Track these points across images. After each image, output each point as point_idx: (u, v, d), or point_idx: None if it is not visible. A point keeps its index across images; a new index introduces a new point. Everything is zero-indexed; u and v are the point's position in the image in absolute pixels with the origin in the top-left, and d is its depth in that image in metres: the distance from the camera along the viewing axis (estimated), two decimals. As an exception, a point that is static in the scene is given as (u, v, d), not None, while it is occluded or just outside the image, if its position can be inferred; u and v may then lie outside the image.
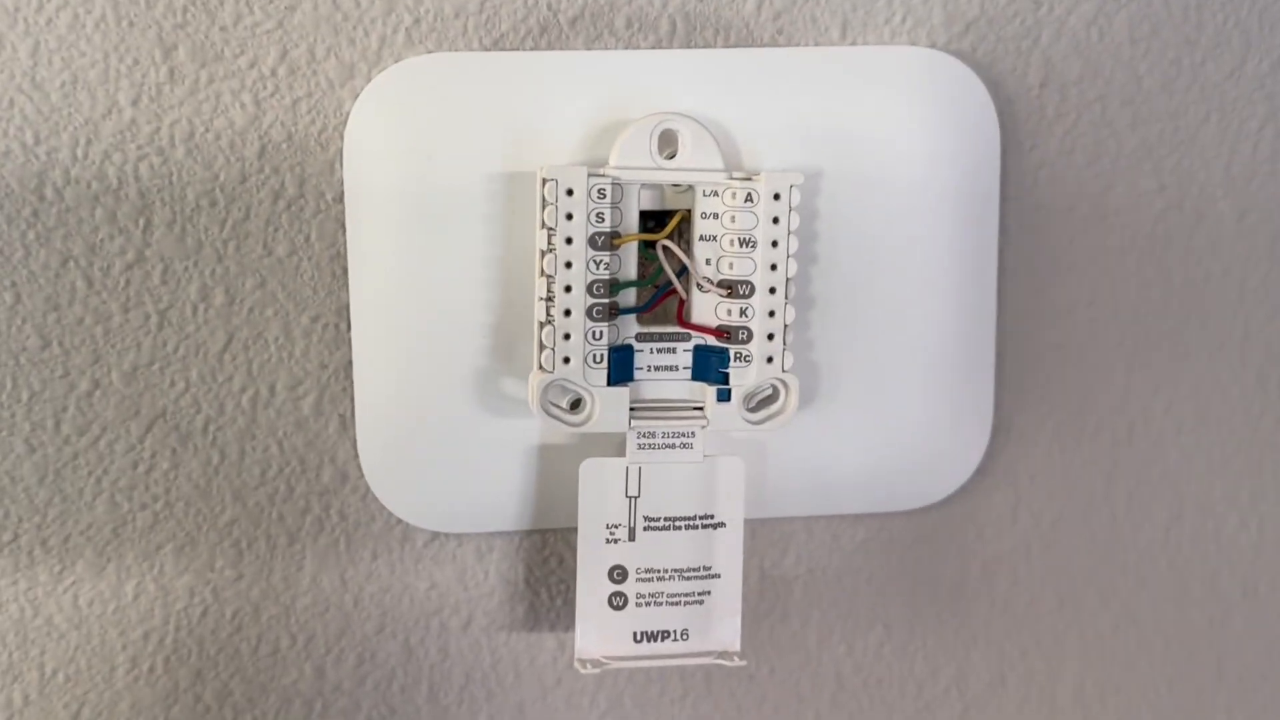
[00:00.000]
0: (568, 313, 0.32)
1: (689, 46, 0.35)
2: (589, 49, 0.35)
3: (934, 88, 0.36)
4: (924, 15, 0.36)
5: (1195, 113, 0.38)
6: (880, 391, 0.37)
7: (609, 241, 0.33)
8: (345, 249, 0.35)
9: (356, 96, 0.34)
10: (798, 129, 0.35)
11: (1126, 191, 0.38)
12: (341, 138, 0.34)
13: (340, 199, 0.34)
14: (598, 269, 0.33)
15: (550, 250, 0.32)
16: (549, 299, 0.33)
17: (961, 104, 0.36)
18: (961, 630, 0.40)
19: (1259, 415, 0.40)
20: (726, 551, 0.35)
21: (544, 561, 0.38)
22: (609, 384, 0.33)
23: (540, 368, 0.33)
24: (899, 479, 0.38)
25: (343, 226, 0.35)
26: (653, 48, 0.35)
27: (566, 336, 0.33)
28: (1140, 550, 0.40)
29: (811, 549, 0.39)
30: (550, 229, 0.32)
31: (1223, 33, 0.37)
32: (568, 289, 0.32)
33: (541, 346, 0.33)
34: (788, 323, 0.34)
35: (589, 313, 0.33)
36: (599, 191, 0.32)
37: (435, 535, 0.37)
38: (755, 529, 0.38)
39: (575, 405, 0.34)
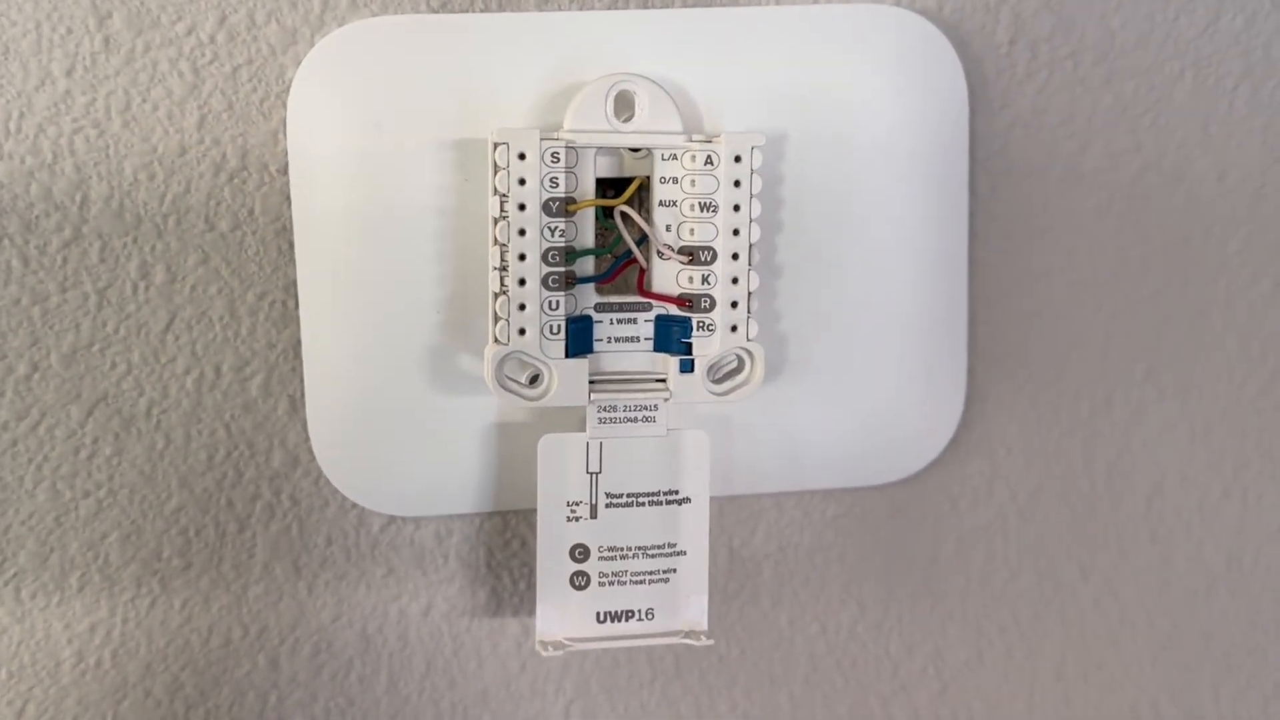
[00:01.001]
0: (522, 282, 0.31)
1: (645, 7, 0.34)
2: (541, 10, 0.33)
3: (899, 46, 0.35)
4: (888, -29, 0.35)
5: (1171, 69, 0.37)
6: (850, 362, 0.36)
7: (564, 208, 0.31)
8: (291, 223, 0.33)
9: (299, 63, 0.33)
10: (759, 91, 0.34)
11: (1102, 151, 0.37)
12: (285, 106, 0.33)
13: (285, 170, 0.33)
14: (553, 236, 0.31)
15: (503, 217, 0.31)
16: (503, 268, 0.31)
17: (928, 63, 0.35)
18: (937, 607, 0.39)
19: (1242, 381, 0.39)
20: (692, 528, 0.34)
21: (505, 544, 0.36)
22: (567, 356, 0.32)
23: (495, 340, 0.32)
24: (871, 452, 0.37)
25: (288, 199, 0.33)
26: (607, 8, 0.34)
27: (521, 307, 0.31)
28: (1121, 522, 0.39)
29: (782, 526, 0.38)
30: (503, 195, 0.31)
31: (1199, -16, 0.36)
32: (522, 257, 0.31)
33: (496, 318, 0.32)
34: (752, 290, 0.32)
35: (545, 282, 0.31)
36: (553, 155, 0.31)
37: (392, 519, 0.36)
38: (723, 506, 0.37)
39: (533, 381, 0.33)
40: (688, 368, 0.33)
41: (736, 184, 0.32)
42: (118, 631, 0.35)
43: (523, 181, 0.31)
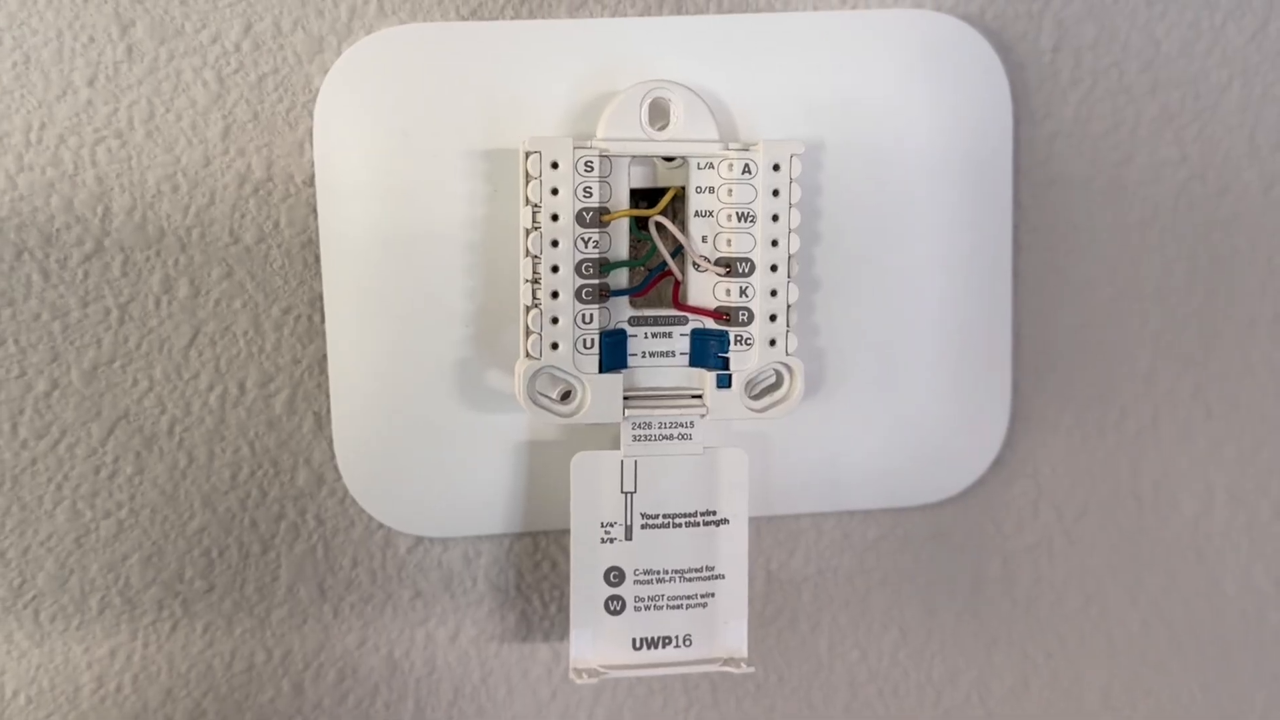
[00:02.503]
0: (555, 295, 0.30)
1: (680, 13, 0.33)
2: (573, 17, 0.33)
3: (941, 54, 0.34)
4: (929, -23, 0.34)
5: (1217, 78, 0.36)
6: (891, 378, 0.35)
7: (598, 218, 0.30)
8: (317, 235, 0.32)
9: (326, 72, 0.32)
10: (797, 98, 0.33)
11: (1147, 162, 0.36)
12: (311, 116, 0.32)
13: (310, 181, 0.32)
14: (586, 247, 0.30)
15: (535, 228, 0.30)
16: (535, 281, 0.30)
17: (970, 71, 0.34)
18: (981, 632, 0.38)
19: (1293, 398, 0.38)
20: (730, 550, 0.33)
21: (536, 566, 0.35)
22: (600, 371, 0.31)
23: (527, 355, 0.31)
24: (912, 472, 0.36)
25: (314, 211, 0.32)
26: (641, 14, 0.33)
27: (554, 320, 0.30)
28: (1169, 543, 0.38)
29: (821, 548, 0.36)
30: (535, 205, 0.30)
31: (1244, -8, 0.36)
32: (555, 269, 0.30)
33: (528, 332, 0.31)
34: (791, 302, 0.32)
35: (578, 294, 0.30)
36: (586, 164, 0.30)
37: (419, 540, 0.35)
38: (761, 527, 0.36)
39: (565, 396, 0.32)
40: (725, 383, 0.32)
41: (775, 193, 0.31)
42: (138, 656, 0.34)
43: (555, 191, 0.30)
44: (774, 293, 0.31)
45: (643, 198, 0.32)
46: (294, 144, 0.32)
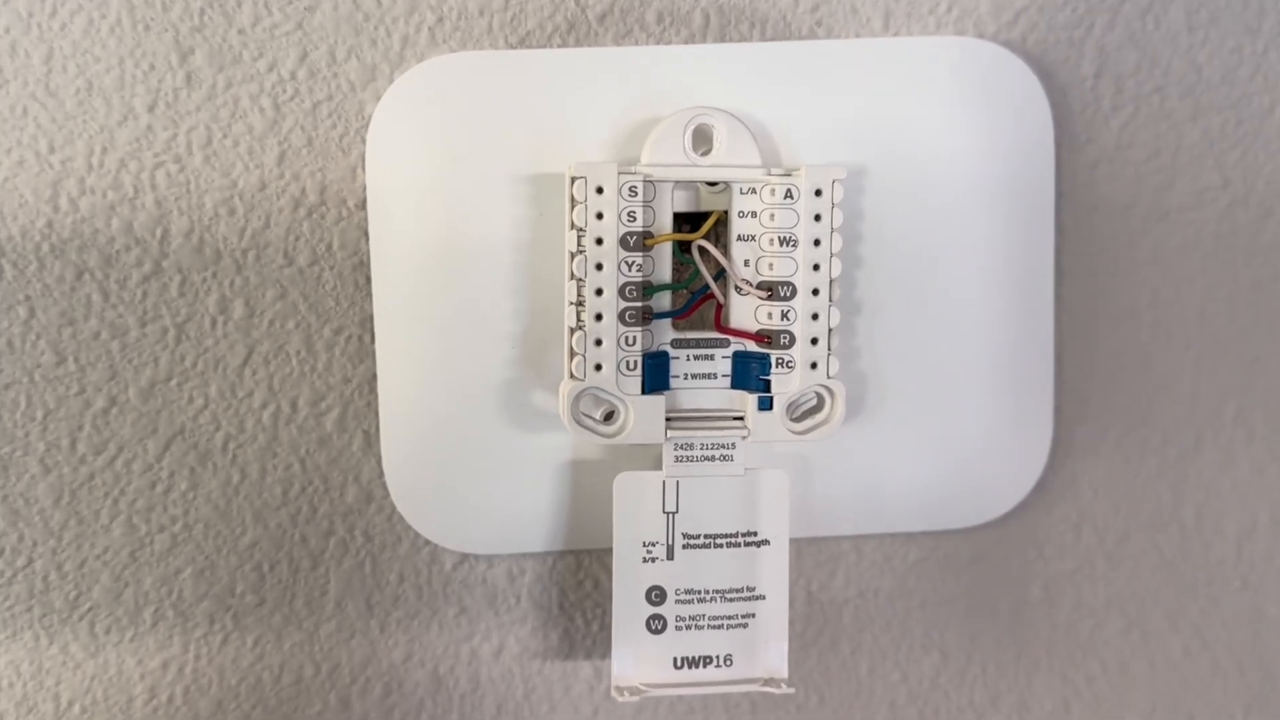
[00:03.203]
0: (599, 317, 0.31)
1: (723, 40, 0.34)
2: (619, 45, 0.33)
3: (983, 80, 0.34)
4: (971, 4, 0.34)
5: (1259, 103, 0.36)
6: (932, 402, 0.35)
7: (641, 242, 0.31)
8: (369, 257, 0.33)
9: (379, 99, 0.33)
10: (839, 125, 0.33)
11: (1188, 187, 0.36)
12: (364, 141, 0.33)
13: (363, 205, 0.33)
14: (630, 271, 0.31)
15: (580, 252, 0.31)
16: (579, 303, 0.31)
17: (1012, 97, 0.34)
18: (1023, 656, 0.38)
19: (1337, 424, 0.38)
20: (771, 571, 0.33)
21: (579, 584, 0.36)
22: (644, 392, 0.31)
23: (571, 376, 0.31)
24: (953, 495, 0.36)
25: (365, 234, 0.33)
26: (685, 42, 0.34)
27: (598, 342, 0.31)
28: (1212, 568, 0.38)
29: (862, 570, 0.37)
30: (580, 229, 0.31)
31: (1287, 19, 0.36)
32: (599, 292, 0.31)
33: (572, 354, 0.31)
34: (832, 326, 0.32)
35: (621, 317, 0.31)
36: (630, 189, 0.31)
37: (464, 557, 0.35)
38: (802, 548, 0.36)
39: (609, 417, 0.32)
40: (766, 405, 0.32)
41: (817, 218, 0.31)
42: (190, 668, 0.35)
43: (600, 215, 0.31)
44: (815, 316, 0.32)
45: (686, 221, 0.33)
46: (347, 169, 0.33)
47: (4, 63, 0.32)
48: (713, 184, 0.32)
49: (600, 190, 0.31)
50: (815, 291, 0.32)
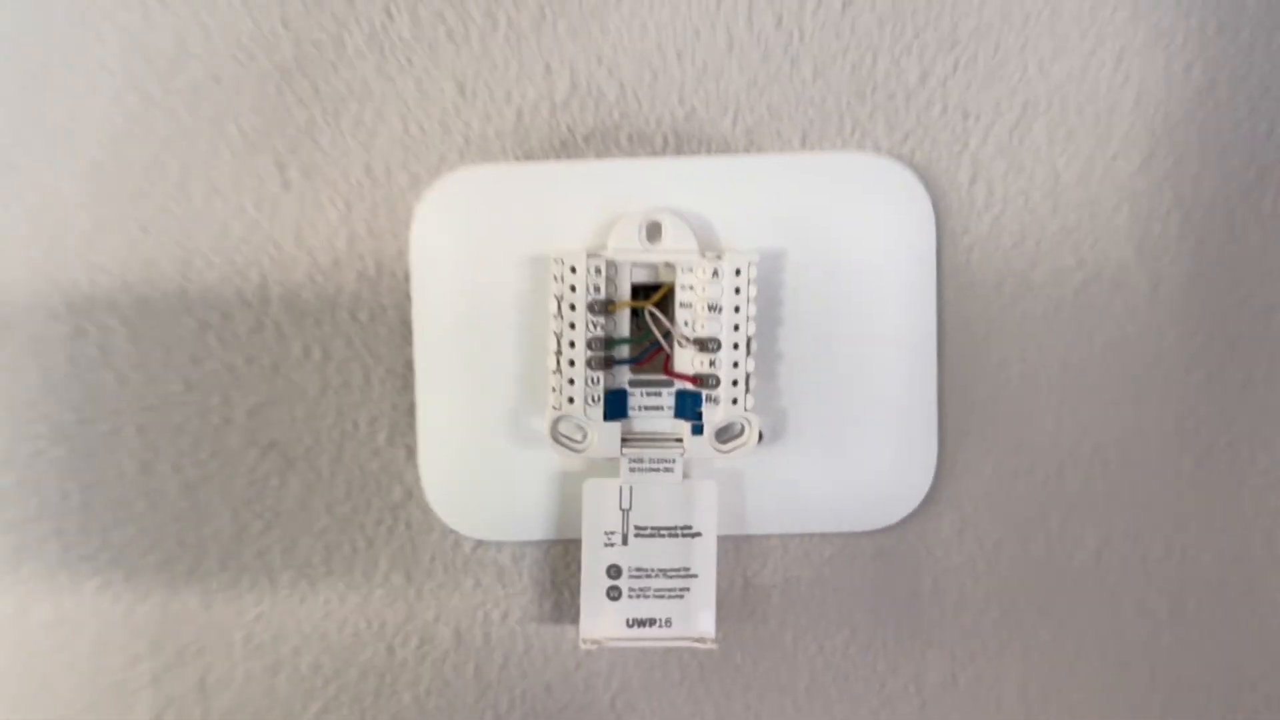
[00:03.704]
0: (572, 363, 0.42)
1: (679, 154, 0.45)
2: (599, 159, 0.45)
3: (879, 185, 0.44)
4: (870, 127, 0.45)
5: (1108, 201, 0.45)
6: (840, 431, 0.45)
7: (604, 308, 0.42)
8: (410, 316, 0.45)
9: (421, 199, 0.44)
10: (766, 219, 0.44)
11: (1049, 268, 0.45)
12: (409, 229, 0.45)
13: (407, 277, 0.45)
14: (596, 329, 0.42)
15: (559, 315, 0.42)
16: (559, 353, 0.42)
17: (902, 198, 0.45)
18: (917, 635, 0.47)
19: (1178, 456, 0.47)
20: (703, 556, 0.44)
21: (566, 566, 0.47)
22: (605, 419, 0.42)
23: (553, 407, 0.42)
24: (858, 504, 0.46)
25: (409, 298, 0.45)
26: (650, 155, 0.45)
27: (570, 381, 0.42)
28: (1074, 572, 0.47)
29: (787, 562, 0.47)
30: (559, 298, 0.42)
31: (1131, 133, 0.45)
32: (571, 344, 0.42)
33: (553, 390, 0.42)
34: (749, 372, 0.42)
35: (588, 363, 0.42)
36: (596, 269, 0.42)
37: (480, 543, 0.47)
38: (739, 544, 0.47)
39: (586, 437, 0.43)
40: (699, 431, 0.43)
41: (737, 290, 0.42)
42: (277, 620, 0.47)
43: (573, 288, 0.42)
44: (736, 364, 0.42)
45: (646, 291, 0.44)
46: (396, 251, 0.45)
47: (150, 175, 0.44)
48: (666, 262, 0.43)
49: (573, 269, 0.42)
50: (735, 346, 0.42)
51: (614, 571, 0.44)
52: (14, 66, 0.44)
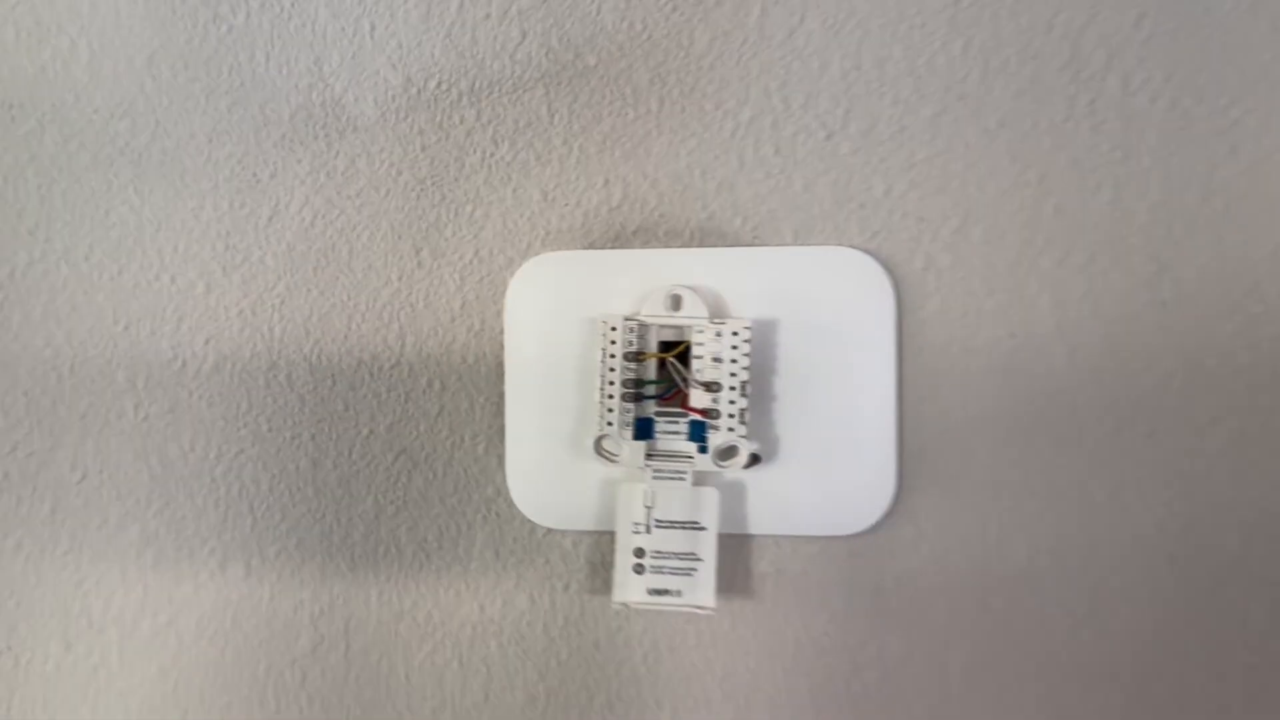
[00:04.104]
0: (610, 396, 0.57)
1: (701, 245, 0.60)
2: (643, 248, 0.60)
3: (852, 271, 0.59)
4: (846, 227, 0.59)
5: (1032, 287, 0.58)
6: (820, 456, 0.59)
7: (636, 357, 0.57)
8: (504, 360, 0.61)
9: (513, 275, 0.61)
10: (764, 295, 0.59)
11: (986, 337, 0.58)
12: (504, 298, 0.61)
13: (502, 332, 0.61)
14: (629, 373, 0.57)
15: (604, 362, 0.57)
16: (603, 389, 0.57)
17: (870, 281, 0.59)
18: (881, 619, 0.60)
19: (1092, 489, 0.58)
20: (707, 545, 0.58)
21: (611, 550, 0.61)
22: (634, 439, 0.58)
23: (597, 429, 0.58)
24: (834, 514, 0.60)
25: (503, 347, 0.61)
26: (680, 247, 0.60)
27: (610, 410, 0.57)
28: (1009, 577, 0.59)
29: (779, 557, 0.61)
30: (604, 350, 0.57)
31: (1051, 235, 0.58)
32: (611, 384, 0.57)
33: (598, 417, 0.58)
34: (743, 408, 0.57)
35: (623, 398, 0.57)
36: (631, 329, 0.57)
37: (549, 531, 0.62)
38: (741, 541, 0.61)
39: (621, 452, 0.58)
40: (704, 450, 0.58)
41: (734, 347, 0.57)
42: (400, 581, 0.63)
43: (614, 343, 0.57)
44: (733, 402, 0.57)
45: (670, 346, 0.58)
46: (495, 313, 0.61)
47: (327, 255, 0.62)
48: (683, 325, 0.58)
49: (614, 329, 0.57)
50: (733, 388, 0.57)
51: (639, 553, 0.58)
52: (237, 179, 0.63)
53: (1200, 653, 0.58)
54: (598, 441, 0.58)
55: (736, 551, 0.61)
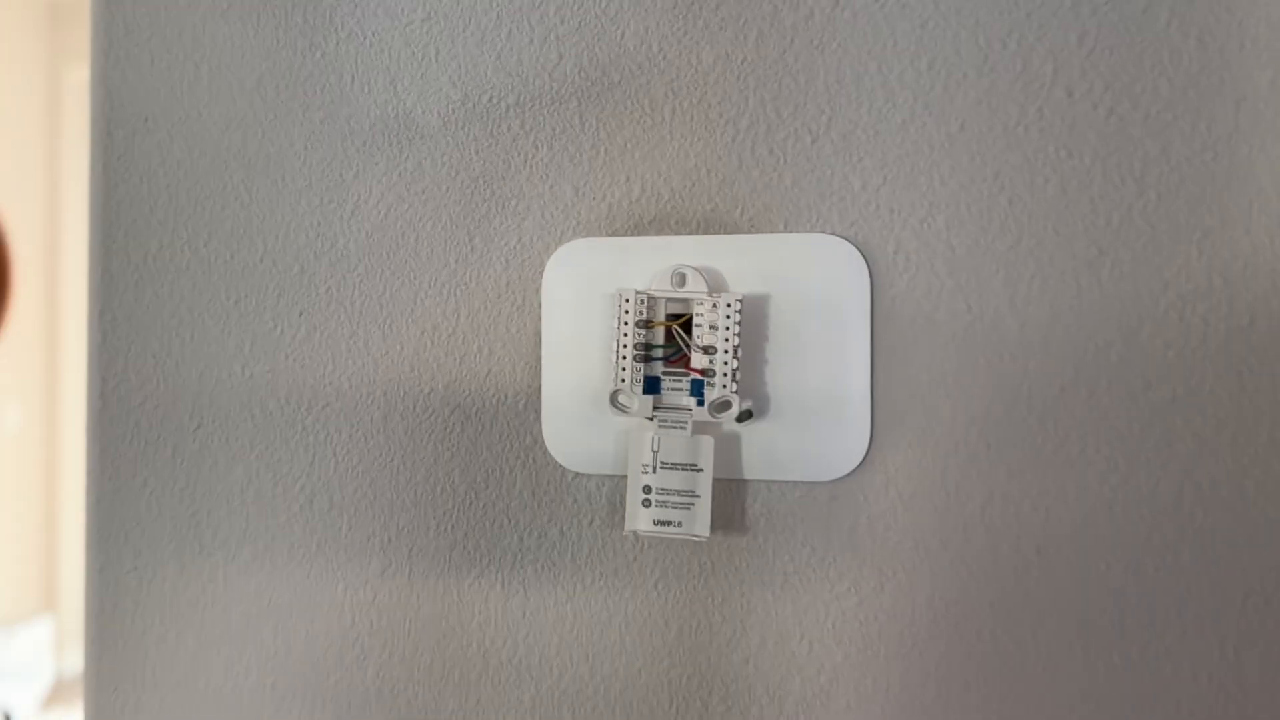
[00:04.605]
0: (624, 358, 0.68)
1: (706, 233, 0.70)
2: (658, 235, 0.71)
3: (833, 255, 0.69)
4: (828, 217, 0.69)
5: (989, 269, 0.67)
6: (804, 412, 0.69)
7: (646, 324, 0.68)
8: (541, 329, 0.72)
9: (550, 258, 0.72)
10: (757, 274, 0.69)
11: (947, 311, 0.68)
12: (541, 277, 0.72)
13: (539, 306, 0.72)
14: (640, 337, 0.68)
15: (619, 329, 0.68)
16: (618, 352, 0.68)
17: (848, 264, 0.69)
18: (855, 553, 0.70)
19: (1041, 442, 0.67)
20: (703, 483, 0.68)
21: (624, 491, 0.72)
22: (644, 393, 0.68)
23: (613, 385, 0.68)
24: (816, 462, 0.69)
25: (540, 318, 0.72)
26: (689, 234, 0.70)
27: (624, 369, 0.68)
28: (966, 519, 0.68)
29: (769, 499, 0.70)
30: (619, 319, 0.68)
31: (1005, 223, 0.67)
32: (625, 347, 0.68)
33: (614, 375, 0.68)
34: (734, 369, 0.67)
35: (634, 359, 0.68)
36: (642, 301, 0.68)
37: (577, 474, 0.73)
38: (737, 485, 0.71)
39: (632, 404, 0.69)
40: (701, 403, 0.68)
41: (728, 317, 0.67)
42: (464, 503, 0.75)
43: (628, 312, 0.68)
44: (726, 363, 0.67)
45: (676, 316, 0.69)
46: (534, 291, 0.73)
47: (397, 243, 0.74)
48: (684, 298, 0.69)
49: (627, 301, 0.68)
50: (726, 351, 0.67)
51: (647, 489, 0.69)
52: (326, 179, 0.75)
53: (1135, 588, 0.67)
54: (613, 395, 0.69)
55: (732, 495, 0.71)
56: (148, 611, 0.81)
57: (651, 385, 0.70)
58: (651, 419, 0.69)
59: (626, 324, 0.69)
